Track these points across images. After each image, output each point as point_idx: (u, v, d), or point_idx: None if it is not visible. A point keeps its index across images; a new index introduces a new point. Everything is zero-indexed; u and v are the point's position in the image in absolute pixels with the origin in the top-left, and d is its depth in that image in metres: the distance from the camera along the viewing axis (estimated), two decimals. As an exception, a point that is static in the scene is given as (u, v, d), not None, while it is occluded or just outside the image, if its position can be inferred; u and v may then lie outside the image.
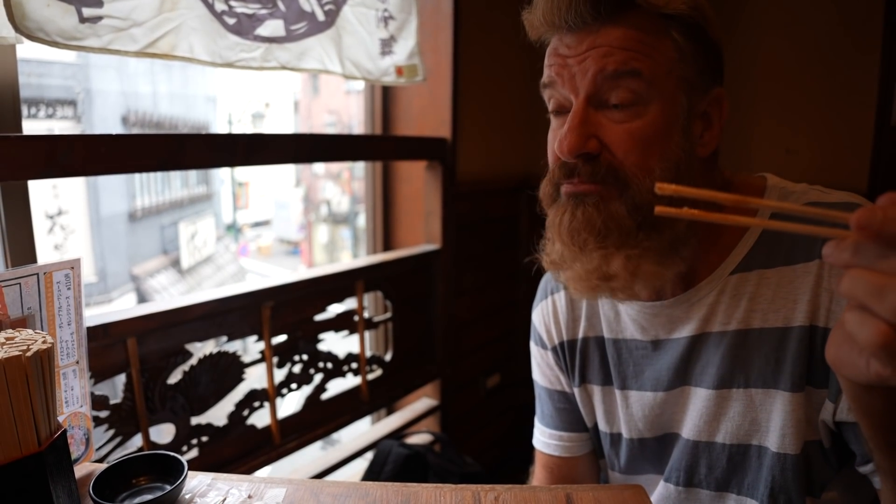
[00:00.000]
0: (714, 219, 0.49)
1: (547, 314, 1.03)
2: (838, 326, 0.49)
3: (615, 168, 0.75)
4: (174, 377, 1.42)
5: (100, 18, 1.17)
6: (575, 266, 0.79)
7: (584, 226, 0.76)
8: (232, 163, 1.49)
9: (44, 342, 0.69)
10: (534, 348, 1.08)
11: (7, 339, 0.69)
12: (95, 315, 1.28)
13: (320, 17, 1.62)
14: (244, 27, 1.43)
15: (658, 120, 0.74)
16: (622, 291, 0.79)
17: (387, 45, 1.84)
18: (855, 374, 0.48)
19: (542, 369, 1.06)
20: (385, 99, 2.28)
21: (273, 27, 1.50)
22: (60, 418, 0.88)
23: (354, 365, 1.90)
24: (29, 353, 0.65)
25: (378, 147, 2.00)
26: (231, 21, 1.40)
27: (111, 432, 1.30)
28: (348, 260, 1.81)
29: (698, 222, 0.79)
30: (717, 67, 0.80)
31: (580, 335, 0.98)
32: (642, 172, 0.74)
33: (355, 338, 1.89)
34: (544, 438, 1.06)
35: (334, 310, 1.82)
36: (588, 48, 0.74)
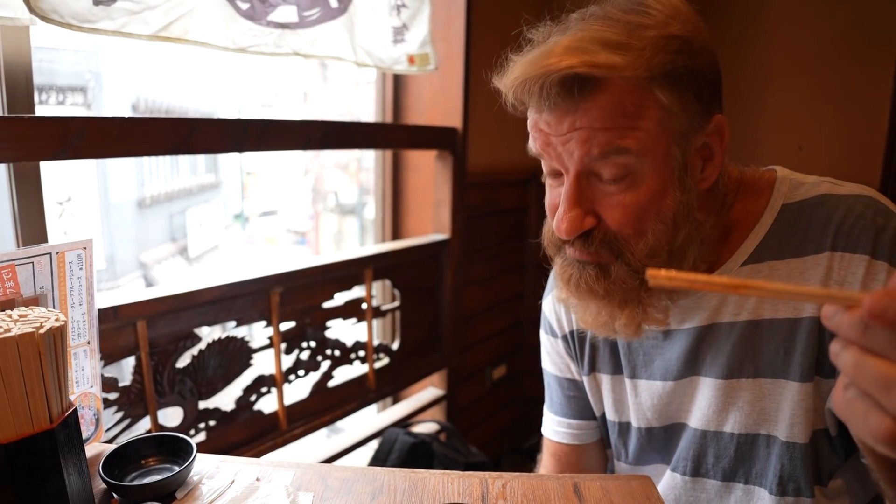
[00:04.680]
0: (704, 287, 0.46)
1: (557, 303, 1.03)
2: (840, 388, 0.44)
3: (608, 240, 0.75)
4: (183, 361, 1.43)
5: (114, 1, 1.17)
6: (585, 317, 0.83)
7: (588, 291, 0.78)
8: (243, 148, 1.48)
9: (57, 320, 0.69)
10: (544, 337, 1.08)
11: (20, 316, 0.69)
12: (106, 297, 1.28)
13: (333, 3, 1.62)
14: (257, 12, 1.43)
15: (653, 185, 0.73)
16: (630, 335, 0.82)
17: (399, 34, 1.84)
18: (862, 439, 0.45)
19: (552, 357, 1.06)
20: (396, 88, 2.27)
21: (286, 13, 1.49)
22: (71, 398, 0.88)
23: (362, 353, 1.91)
24: (42, 331, 0.66)
25: (389, 135, 2.00)
26: (244, 6, 1.40)
27: (120, 414, 1.31)
28: (356, 248, 1.80)
29: (706, 245, 0.80)
30: (713, 95, 0.76)
31: None
32: (635, 238, 0.75)
33: (363, 326, 1.90)
34: (553, 426, 1.07)
35: (342, 297, 1.82)
36: (569, 129, 0.71)
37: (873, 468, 0.54)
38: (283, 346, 1.65)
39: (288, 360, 1.68)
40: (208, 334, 1.48)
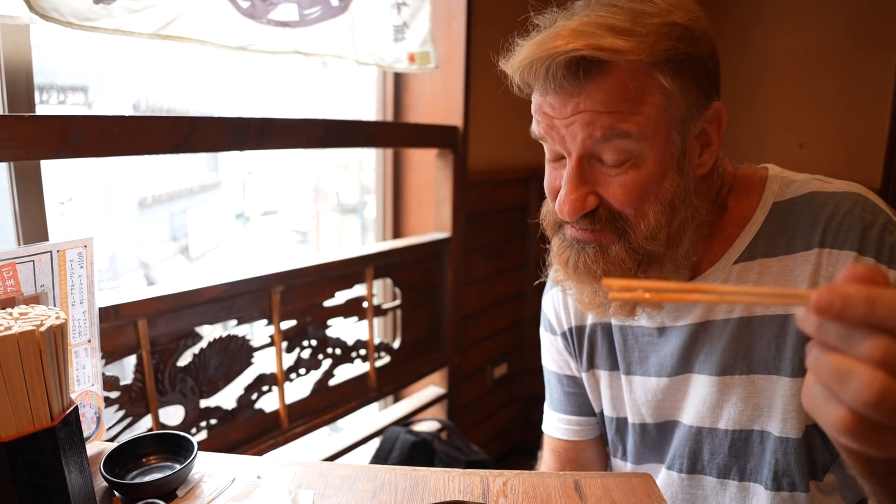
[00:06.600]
0: (657, 296, 0.47)
1: (556, 301, 1.04)
2: (807, 384, 0.45)
3: (613, 217, 0.76)
4: (184, 360, 1.43)
5: (114, -1, 1.17)
6: (582, 296, 0.84)
7: (586, 272, 0.79)
8: (243, 147, 1.48)
9: (57, 318, 0.69)
10: (543, 334, 1.08)
11: (21, 314, 0.69)
12: (107, 296, 1.28)
13: (334, 2, 1.62)
14: (257, 11, 1.43)
15: (653, 168, 0.74)
16: (625, 316, 0.85)
17: (399, 32, 1.84)
18: (827, 432, 0.45)
19: (552, 354, 1.07)
20: (397, 86, 2.27)
21: (286, 11, 1.49)
22: (72, 396, 0.88)
23: (363, 351, 1.91)
24: (42, 328, 0.66)
25: (390, 134, 2.00)
26: (245, 4, 1.40)
27: (121, 413, 1.31)
28: (357, 247, 1.80)
29: (699, 233, 0.81)
30: (712, 82, 0.77)
31: (588, 321, 1.00)
32: (638, 218, 0.76)
33: (364, 324, 1.90)
34: (553, 423, 1.07)
35: (343, 296, 1.82)
36: (573, 112, 0.73)
37: (847, 462, 0.55)
38: (284, 344, 1.65)
39: (289, 359, 1.68)
40: (209, 333, 1.48)
